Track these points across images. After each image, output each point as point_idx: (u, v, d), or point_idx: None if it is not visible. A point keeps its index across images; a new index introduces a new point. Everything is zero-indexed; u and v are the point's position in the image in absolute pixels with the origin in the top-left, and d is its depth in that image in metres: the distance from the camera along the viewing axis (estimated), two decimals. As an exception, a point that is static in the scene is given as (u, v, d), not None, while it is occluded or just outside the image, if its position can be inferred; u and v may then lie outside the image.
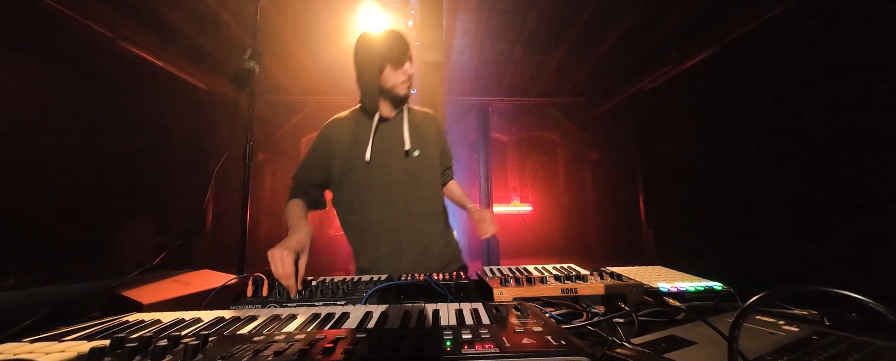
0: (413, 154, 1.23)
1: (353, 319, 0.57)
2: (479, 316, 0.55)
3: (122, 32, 3.29)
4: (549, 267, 0.98)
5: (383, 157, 1.21)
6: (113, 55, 3.34)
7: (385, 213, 1.20)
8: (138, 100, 3.66)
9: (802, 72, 2.81)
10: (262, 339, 0.46)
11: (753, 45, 3.28)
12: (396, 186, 1.21)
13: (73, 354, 0.43)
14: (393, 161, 1.22)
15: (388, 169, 1.21)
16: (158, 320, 0.61)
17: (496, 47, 4.52)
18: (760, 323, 0.65)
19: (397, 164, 1.22)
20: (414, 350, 0.40)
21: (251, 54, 1.76)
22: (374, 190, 1.20)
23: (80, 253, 3.01)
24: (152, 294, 0.84)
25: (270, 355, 0.40)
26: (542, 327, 0.47)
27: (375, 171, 1.20)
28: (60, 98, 2.94)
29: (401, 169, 1.22)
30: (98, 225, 3.26)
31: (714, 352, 0.54)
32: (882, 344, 0.53)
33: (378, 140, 1.22)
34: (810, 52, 2.75)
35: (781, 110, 2.99)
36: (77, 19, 2.93)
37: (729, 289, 0.79)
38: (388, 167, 1.21)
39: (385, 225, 1.20)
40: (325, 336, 0.46)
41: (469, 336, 0.44)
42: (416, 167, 1.24)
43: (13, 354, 0.43)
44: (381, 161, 1.21)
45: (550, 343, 0.41)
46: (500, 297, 0.78)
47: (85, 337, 0.51)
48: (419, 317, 0.55)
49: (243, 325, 0.57)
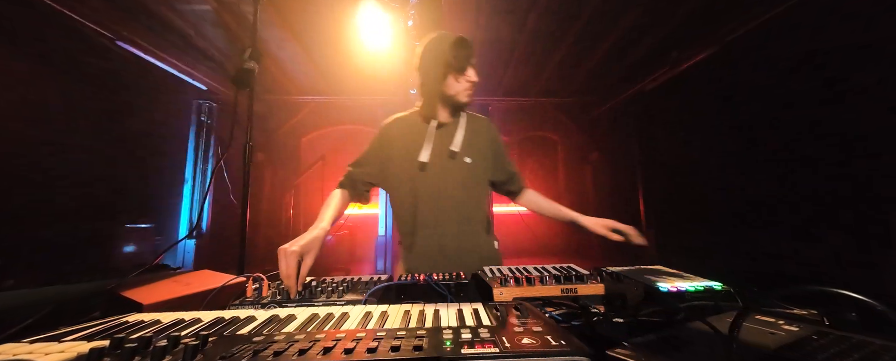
0: (465, 160, 1.24)
1: (353, 319, 0.57)
2: (479, 316, 0.55)
3: (121, 32, 3.29)
4: (549, 267, 0.98)
5: (437, 162, 1.22)
6: (113, 55, 3.33)
7: (434, 217, 1.22)
8: (138, 100, 3.66)
9: (802, 72, 2.81)
10: (261, 339, 0.46)
11: (753, 45, 3.28)
12: (447, 191, 1.22)
13: (73, 354, 0.42)
14: (445, 166, 1.23)
15: (441, 173, 1.22)
16: (158, 320, 0.61)
17: (496, 48, 4.52)
18: (760, 323, 0.65)
19: (449, 169, 1.23)
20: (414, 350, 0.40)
21: (251, 54, 1.76)
22: (425, 193, 1.22)
23: (80, 253, 3.01)
24: (152, 294, 0.84)
25: (270, 355, 0.40)
26: (542, 327, 0.47)
27: (428, 175, 1.22)
28: (59, 98, 2.94)
29: (453, 174, 1.23)
30: (98, 226, 3.26)
31: (714, 352, 0.54)
32: (882, 344, 0.53)
33: (433, 144, 1.23)
34: (810, 51, 2.75)
35: (781, 110, 3.00)
36: (76, 19, 2.92)
37: (729, 289, 0.79)
38: (440, 171, 1.22)
39: (433, 228, 1.22)
40: (325, 336, 0.46)
41: (469, 336, 0.44)
42: (467, 173, 1.25)
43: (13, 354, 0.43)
44: (435, 165, 1.22)
45: (550, 343, 0.41)
46: (500, 297, 0.78)
47: (85, 337, 0.51)
48: (419, 317, 0.55)
49: (243, 325, 0.57)
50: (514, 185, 1.40)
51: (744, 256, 3.39)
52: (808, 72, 2.76)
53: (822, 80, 2.66)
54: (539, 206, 1.40)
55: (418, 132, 1.25)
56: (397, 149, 1.25)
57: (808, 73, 2.76)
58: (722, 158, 3.65)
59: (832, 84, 2.60)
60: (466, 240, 1.24)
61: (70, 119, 3.01)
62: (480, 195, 1.29)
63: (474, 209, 1.27)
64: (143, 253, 3.57)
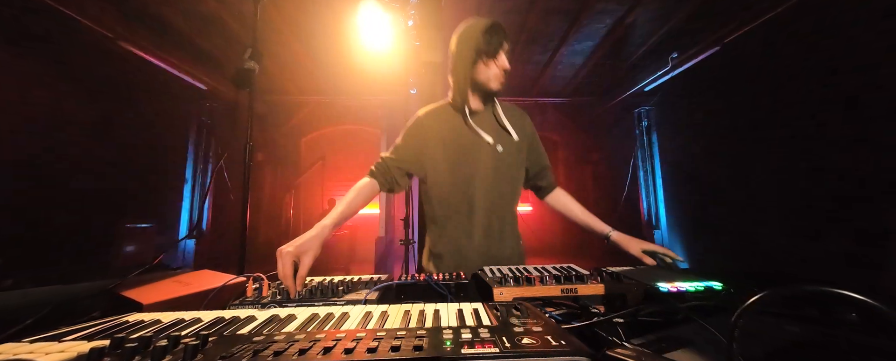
0: (497, 148, 1.23)
1: (353, 319, 0.57)
2: (479, 316, 0.55)
3: (121, 32, 3.29)
4: (549, 267, 0.98)
5: (468, 151, 1.22)
6: (113, 55, 3.34)
7: (465, 206, 1.22)
8: (138, 100, 3.66)
9: (802, 72, 2.81)
10: (261, 339, 0.46)
11: (753, 45, 3.28)
12: (478, 180, 1.22)
13: (73, 354, 0.42)
14: (477, 154, 1.23)
15: (472, 162, 1.22)
16: (158, 320, 0.61)
17: (496, 47, 4.51)
18: (760, 323, 0.65)
19: (481, 158, 1.23)
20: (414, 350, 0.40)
21: (251, 54, 1.76)
22: (457, 182, 1.22)
23: (80, 253, 3.01)
24: (152, 294, 0.84)
25: (270, 355, 0.40)
26: (542, 327, 0.47)
27: (460, 164, 1.22)
28: (60, 98, 2.94)
29: (484, 163, 1.23)
30: (98, 225, 3.26)
31: (713, 352, 0.54)
32: (882, 344, 0.53)
33: (465, 133, 1.23)
34: (810, 51, 2.75)
35: (781, 110, 2.99)
36: (77, 19, 2.93)
37: (729, 289, 0.79)
38: (472, 160, 1.22)
39: (463, 217, 1.22)
40: (325, 335, 0.46)
41: (469, 337, 0.44)
42: (499, 162, 1.24)
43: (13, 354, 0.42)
44: (466, 154, 1.22)
45: (550, 343, 0.41)
46: (500, 297, 0.78)
47: (85, 337, 0.51)
48: (419, 317, 0.55)
49: (243, 325, 0.57)
50: (543, 181, 1.38)
51: (744, 256, 3.39)
52: (808, 72, 2.76)
53: (823, 80, 2.66)
54: (569, 209, 1.35)
55: (451, 120, 1.25)
56: (432, 137, 1.23)
57: (808, 73, 2.76)
58: (722, 158, 3.65)
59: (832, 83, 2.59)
60: (497, 228, 1.24)
61: (70, 119, 3.01)
62: (513, 183, 1.28)
63: (506, 197, 1.26)
64: (144, 253, 3.57)
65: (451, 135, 1.23)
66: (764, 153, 3.14)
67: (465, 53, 1.17)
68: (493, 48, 1.15)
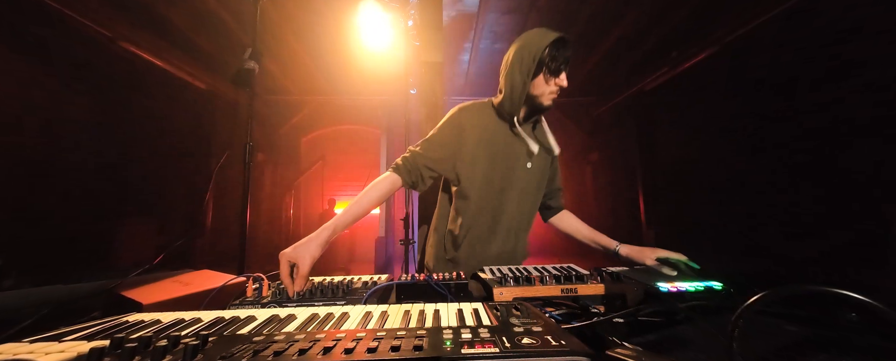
0: (527, 166, 1.22)
1: (353, 319, 0.57)
2: (479, 316, 0.55)
3: (122, 32, 3.29)
4: (549, 267, 0.98)
5: (505, 162, 1.20)
6: (113, 55, 3.33)
7: (489, 219, 1.20)
8: (138, 100, 3.66)
9: (802, 72, 2.81)
10: (261, 339, 0.46)
11: (753, 46, 3.28)
12: (508, 193, 1.20)
13: (73, 354, 0.42)
14: (513, 167, 1.21)
15: (507, 175, 1.20)
16: (158, 320, 0.61)
17: (496, 47, 4.52)
18: (760, 323, 0.65)
19: (513, 172, 1.21)
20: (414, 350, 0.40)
21: (251, 54, 1.76)
22: (487, 194, 1.19)
23: (80, 253, 3.01)
24: (152, 294, 0.84)
25: (270, 355, 0.40)
26: (542, 327, 0.47)
27: (495, 173, 1.19)
28: (60, 98, 2.93)
29: (518, 177, 1.21)
30: (98, 225, 3.26)
31: (713, 352, 0.54)
32: (882, 344, 0.53)
33: (505, 142, 1.20)
34: (810, 51, 2.75)
35: (781, 110, 2.99)
36: (77, 19, 2.93)
37: (729, 289, 0.79)
38: (507, 173, 1.20)
39: (484, 230, 1.21)
40: (325, 335, 0.46)
41: (469, 336, 0.44)
42: (529, 179, 1.23)
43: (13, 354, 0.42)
44: (502, 165, 1.20)
45: (550, 343, 0.41)
46: (500, 297, 0.78)
47: (85, 337, 0.51)
48: (419, 317, 0.55)
49: (243, 325, 0.57)
50: (553, 200, 1.38)
51: (744, 256, 3.39)
52: (808, 72, 2.76)
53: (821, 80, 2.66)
54: (576, 230, 1.34)
55: (493, 126, 1.21)
56: (470, 139, 1.19)
57: (808, 73, 2.76)
58: (722, 158, 3.65)
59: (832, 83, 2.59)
60: (514, 241, 1.24)
61: (70, 119, 3.01)
62: (535, 201, 1.28)
63: (528, 214, 1.26)
64: (144, 253, 3.57)
65: (491, 140, 1.19)
66: (763, 153, 3.15)
67: (526, 63, 1.10)
68: (556, 65, 1.09)
